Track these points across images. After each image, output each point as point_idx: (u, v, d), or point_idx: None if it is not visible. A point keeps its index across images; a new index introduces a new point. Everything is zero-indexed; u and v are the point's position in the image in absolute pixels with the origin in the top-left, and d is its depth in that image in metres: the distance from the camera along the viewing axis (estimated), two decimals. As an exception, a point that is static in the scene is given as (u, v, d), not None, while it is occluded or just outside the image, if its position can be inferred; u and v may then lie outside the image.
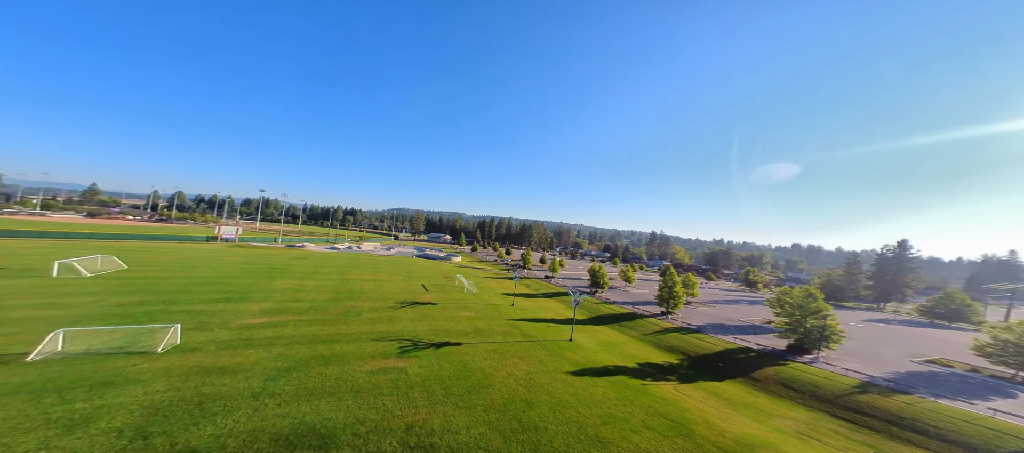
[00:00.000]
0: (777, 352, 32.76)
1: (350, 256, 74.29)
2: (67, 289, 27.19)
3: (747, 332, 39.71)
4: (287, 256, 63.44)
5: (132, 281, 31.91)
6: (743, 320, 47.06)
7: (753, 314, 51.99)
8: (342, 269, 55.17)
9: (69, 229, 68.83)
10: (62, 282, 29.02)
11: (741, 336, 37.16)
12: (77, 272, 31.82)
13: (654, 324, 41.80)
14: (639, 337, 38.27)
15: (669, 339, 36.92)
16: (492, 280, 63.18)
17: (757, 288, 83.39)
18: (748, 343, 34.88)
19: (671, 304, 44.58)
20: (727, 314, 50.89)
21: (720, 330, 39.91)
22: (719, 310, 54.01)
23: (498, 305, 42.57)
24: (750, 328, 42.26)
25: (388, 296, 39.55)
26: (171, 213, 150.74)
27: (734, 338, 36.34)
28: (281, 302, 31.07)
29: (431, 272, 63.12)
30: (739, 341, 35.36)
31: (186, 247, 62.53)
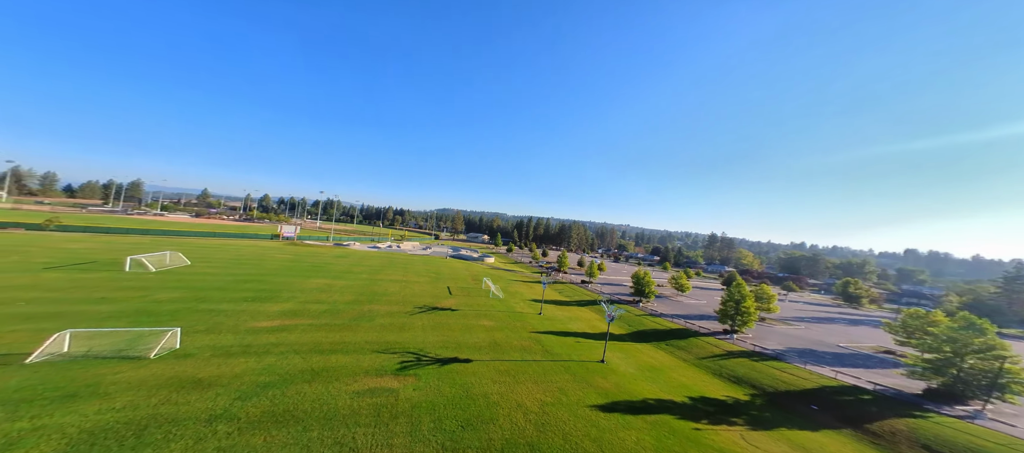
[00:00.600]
0: (908, 397, 24.00)
1: (387, 255, 76.61)
2: (126, 283, 30.18)
3: (853, 363, 30.50)
4: (330, 254, 67.18)
5: (183, 277, 34.83)
6: (844, 346, 36.88)
7: (858, 338, 40.89)
8: (375, 269, 56.24)
9: (174, 227, 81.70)
10: (126, 277, 32.53)
11: (845, 369, 28.39)
12: (144, 267, 35.76)
13: (714, 345, 34.46)
14: (693, 361, 31.61)
15: (734, 366, 29.75)
16: (522, 284, 59.62)
17: (860, 304, 67.34)
18: (857, 380, 26.26)
19: (738, 321, 36.29)
20: (818, 336, 40.69)
21: (809, 358, 31.26)
22: (806, 331, 43.65)
23: (523, 314, 38.89)
24: (857, 358, 32.57)
25: (409, 299, 38.33)
26: (253, 213, 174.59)
27: (834, 371, 27.81)
28: (302, 303, 31.19)
29: (460, 273, 61.75)
30: (842, 376, 26.86)
31: (249, 244, 69.80)
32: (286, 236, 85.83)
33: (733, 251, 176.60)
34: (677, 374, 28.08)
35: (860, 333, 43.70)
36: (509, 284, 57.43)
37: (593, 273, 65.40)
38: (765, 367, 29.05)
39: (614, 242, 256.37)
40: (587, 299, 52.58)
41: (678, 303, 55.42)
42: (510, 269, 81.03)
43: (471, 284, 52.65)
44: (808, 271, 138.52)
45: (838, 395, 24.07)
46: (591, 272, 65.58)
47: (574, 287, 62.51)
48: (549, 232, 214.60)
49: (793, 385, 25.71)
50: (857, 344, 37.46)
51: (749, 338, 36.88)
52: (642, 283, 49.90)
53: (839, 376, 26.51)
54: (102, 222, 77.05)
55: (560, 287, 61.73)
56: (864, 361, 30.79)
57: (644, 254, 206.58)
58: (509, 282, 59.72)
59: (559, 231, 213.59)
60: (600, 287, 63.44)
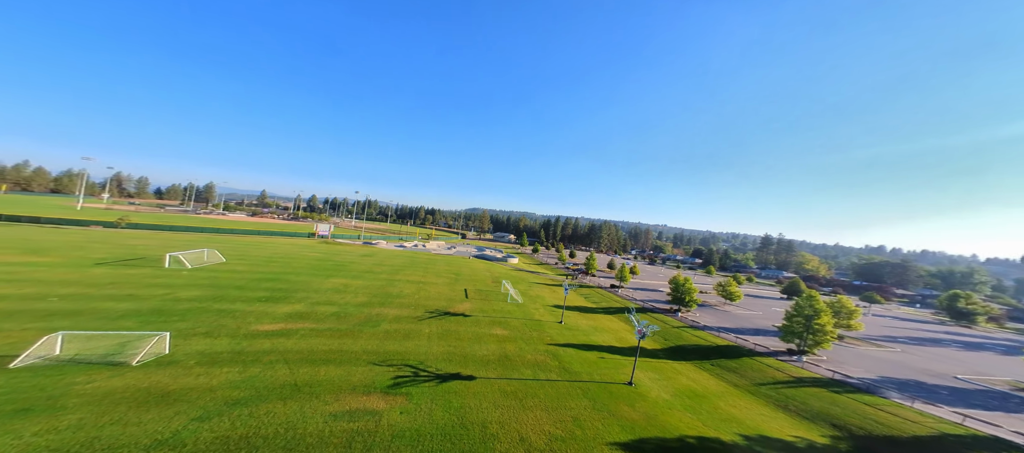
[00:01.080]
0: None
1: (411, 255, 76.89)
2: (158, 280, 31.65)
3: (983, 403, 23.26)
4: (356, 253, 68.63)
5: (212, 275, 36.18)
6: (964, 378, 28.92)
7: (981, 368, 32.24)
8: (395, 268, 55.94)
9: (228, 225, 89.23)
10: (161, 273, 34.34)
11: (973, 411, 21.43)
12: (181, 264, 37.83)
13: (774, 368, 28.54)
14: (747, 387, 26.25)
15: (806, 397, 24.04)
16: (544, 287, 55.95)
17: (973, 322, 54.63)
18: (996, 428, 19.46)
19: (809, 339, 29.52)
20: (923, 364, 32.61)
21: (917, 392, 24.49)
22: (904, 355, 35.40)
23: (542, 322, 35.48)
24: (987, 396, 24.95)
25: (423, 302, 36.68)
26: (298, 213, 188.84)
27: (958, 414, 20.95)
28: (313, 305, 30.62)
29: (481, 275, 59.61)
30: (973, 422, 20.07)
31: (286, 242, 73.74)
32: (321, 235, 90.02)
33: (793, 254, 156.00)
34: (726, 403, 23.11)
35: (982, 361, 34.20)
36: (530, 287, 54.16)
37: (624, 276, 59.83)
38: (851, 401, 22.94)
39: (649, 243, 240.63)
40: (616, 306, 47.69)
41: (726, 314, 48.38)
42: (534, 271, 77.60)
43: (490, 286, 50.19)
44: (894, 279, 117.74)
45: (969, 449, 17.69)
46: (622, 275, 60.06)
47: (602, 292, 57.56)
48: (578, 232, 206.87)
49: (896, 429, 19.65)
50: (983, 376, 28.89)
51: (823, 361, 30.06)
52: (681, 289, 43.92)
53: (967, 421, 19.70)
54: (170, 221, 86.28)
55: (586, 291, 57.16)
56: (999, 401, 23.07)
57: (684, 256, 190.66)
58: (531, 285, 56.44)
59: (588, 231, 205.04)
60: (631, 293, 57.80)
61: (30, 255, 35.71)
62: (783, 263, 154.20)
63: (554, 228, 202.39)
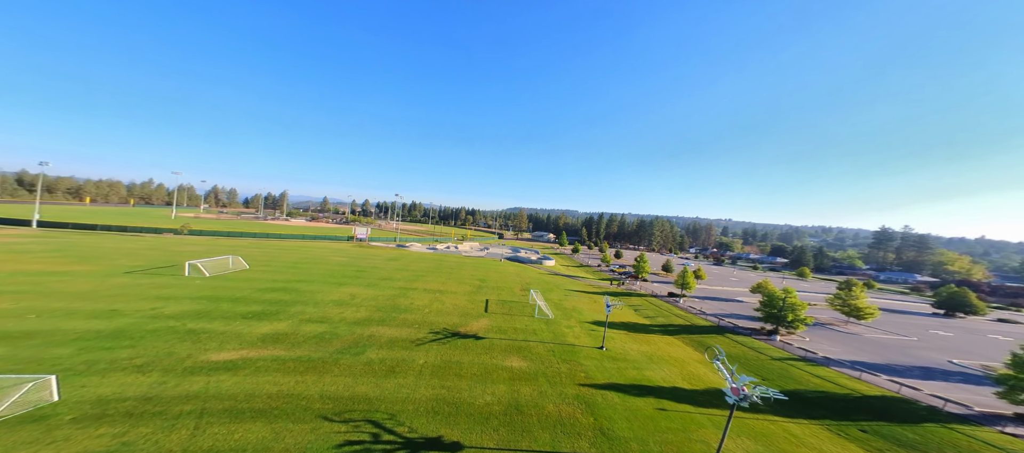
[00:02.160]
0: None
1: (439, 257, 73.02)
2: (161, 292, 30.38)
3: None
4: (383, 257, 66.53)
5: (221, 284, 34.65)
6: None
7: None
8: (416, 274, 51.67)
9: (282, 230, 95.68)
10: (175, 283, 33.48)
11: None
12: (200, 273, 37.27)
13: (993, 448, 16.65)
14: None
15: None
16: (583, 297, 46.77)
17: None
18: None
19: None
20: None
21: None
22: None
23: (576, 347, 27.14)
24: None
25: (432, 318, 30.84)
26: (347, 217, 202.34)
27: None
28: (300, 323, 26.45)
29: (509, 281, 52.57)
30: None
31: (321, 247, 75.02)
32: (359, 238, 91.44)
33: (927, 252, 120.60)
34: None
35: None
36: (565, 296, 45.55)
37: (687, 283, 47.64)
38: None
39: (712, 240, 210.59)
40: (678, 322, 36.84)
41: (853, 339, 34.29)
42: (572, 275, 68.26)
43: (517, 296, 42.88)
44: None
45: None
46: (684, 281, 47.92)
47: (658, 303, 46.46)
48: (624, 229, 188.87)
49: None
50: None
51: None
52: (782, 304, 31.42)
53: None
54: (234, 226, 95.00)
55: (637, 302, 46.60)
56: None
57: (759, 255, 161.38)
58: (566, 293, 47.76)
59: (637, 228, 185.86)
60: (698, 304, 45.70)
61: (74, 263, 37.87)
62: (911, 264, 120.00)
63: (597, 226, 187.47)
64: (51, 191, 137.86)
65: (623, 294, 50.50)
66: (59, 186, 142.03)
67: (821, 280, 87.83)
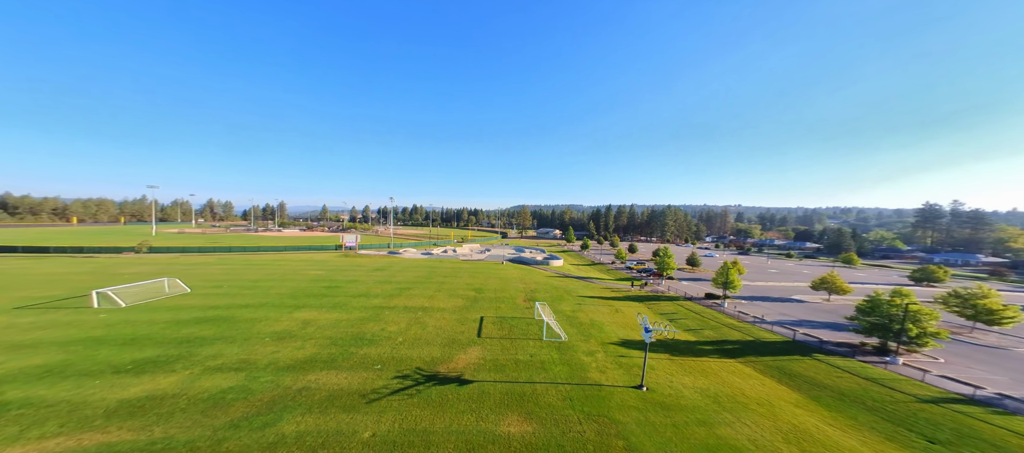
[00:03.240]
0: None
1: (433, 264, 64.85)
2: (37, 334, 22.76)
3: None
4: (368, 266, 58.63)
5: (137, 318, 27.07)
6: None
7: None
8: (401, 286, 43.56)
9: (265, 242, 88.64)
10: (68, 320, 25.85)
11: None
12: (113, 303, 29.60)
13: None
14: None
15: None
16: (602, 306, 38.04)
17: None
18: None
19: None
20: None
21: None
22: None
23: (604, 391, 18.75)
24: None
25: (401, 354, 22.69)
26: (343, 223, 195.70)
27: None
28: (200, 374, 18.47)
29: (511, 289, 44.10)
30: None
31: (301, 258, 67.43)
32: (348, 246, 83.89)
33: (984, 228, 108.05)
34: None
35: None
36: (580, 305, 36.94)
37: (731, 281, 38.35)
38: None
39: (728, 227, 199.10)
40: (735, 337, 27.85)
41: (1007, 357, 24.69)
42: (584, 276, 59.50)
43: (520, 310, 34.43)
44: None
45: None
46: (727, 279, 38.65)
47: (696, 308, 37.52)
48: (634, 221, 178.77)
49: None
50: None
51: None
52: (901, 312, 21.90)
53: None
54: (215, 240, 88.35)
55: (668, 309, 37.73)
56: None
57: (784, 240, 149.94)
58: (580, 301, 39.14)
59: (648, 219, 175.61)
60: (748, 308, 36.67)
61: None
62: (964, 242, 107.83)
63: (605, 218, 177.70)
64: (36, 213, 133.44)
65: (649, 298, 41.68)
66: (44, 207, 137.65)
67: (871, 267, 77.77)
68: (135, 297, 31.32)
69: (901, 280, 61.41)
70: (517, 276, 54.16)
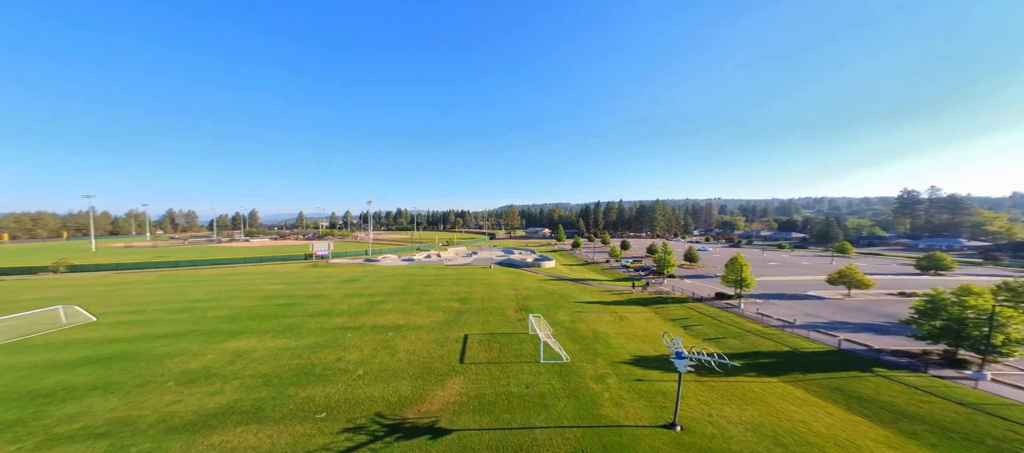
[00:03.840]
0: None
1: (413, 271, 58.93)
2: None
3: None
4: (339, 278, 52.16)
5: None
6: None
7: None
8: (373, 300, 37.72)
9: (229, 254, 79.50)
10: None
11: None
12: (-24, 341, 22.54)
13: None
14: None
15: None
16: (604, 313, 33.44)
17: None
18: None
19: None
20: None
21: None
22: None
23: (626, 434, 13.89)
24: None
25: (358, 393, 17.41)
26: (321, 230, 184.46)
27: None
28: (54, 439, 12.35)
29: (501, 297, 39.01)
30: None
31: (261, 271, 60.01)
32: (319, 254, 76.48)
33: (964, 213, 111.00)
34: None
35: None
36: (579, 314, 32.23)
37: (746, 279, 34.58)
38: None
39: (713, 220, 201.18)
40: (769, 348, 23.65)
41: None
42: (580, 278, 55.06)
43: (512, 322, 29.44)
44: None
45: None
46: (740, 278, 34.80)
47: (710, 310, 33.45)
48: (623, 217, 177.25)
49: None
50: None
51: None
52: (967, 313, 17.89)
53: None
54: (162, 255, 78.75)
55: (678, 313, 33.52)
56: None
57: (769, 231, 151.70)
58: (579, 308, 34.44)
59: (637, 214, 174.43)
60: (767, 308, 32.95)
61: None
62: (944, 227, 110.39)
63: (594, 215, 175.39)
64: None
65: (654, 301, 37.49)
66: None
67: (864, 256, 77.29)
68: (9, 333, 24.25)
69: (903, 268, 60.23)
70: (507, 282, 49.07)
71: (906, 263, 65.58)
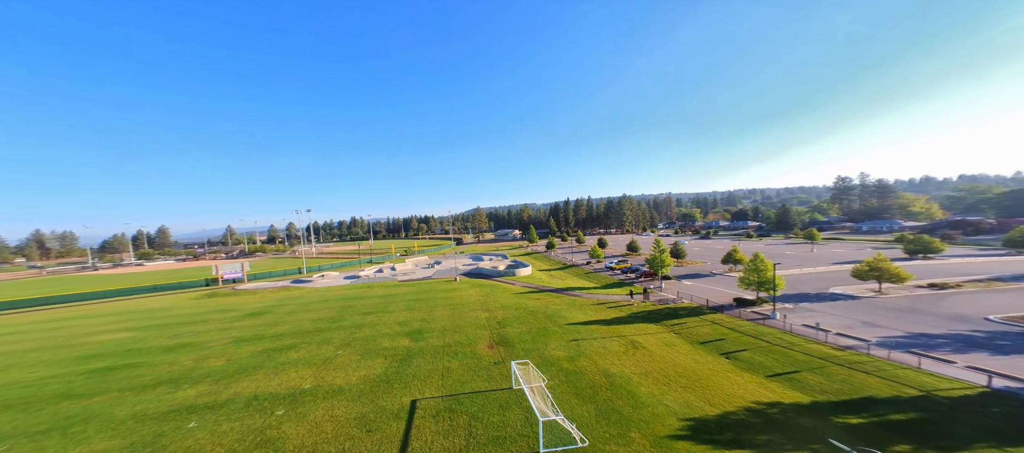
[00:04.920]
0: None
1: (351, 296, 46.69)
2: None
3: None
4: (238, 312, 38.58)
5: None
6: None
7: None
8: (276, 348, 25.89)
9: (96, 286, 59.50)
10: None
11: None
12: None
13: None
14: None
15: None
16: (610, 339, 25.08)
17: None
18: None
19: None
20: None
21: None
22: None
23: None
24: None
25: None
26: (243, 246, 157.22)
27: None
28: None
29: (467, 328, 29.14)
30: None
31: (124, 309, 43.79)
32: (227, 278, 60.08)
33: (891, 197, 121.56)
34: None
35: None
36: (579, 344, 23.52)
37: (770, 280, 28.22)
38: None
39: (673, 213, 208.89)
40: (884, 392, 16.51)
41: None
42: (564, 287, 46.85)
43: (486, 367, 19.97)
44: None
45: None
46: (763, 279, 28.32)
47: (738, 325, 26.52)
48: (593, 213, 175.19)
49: None
50: None
51: None
52: None
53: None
54: None
55: (697, 329, 26.23)
56: None
57: (726, 222, 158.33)
58: (576, 335, 25.72)
59: (605, 210, 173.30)
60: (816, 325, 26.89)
61: None
62: (876, 211, 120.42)
63: (565, 213, 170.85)
64: None
65: (663, 314, 30.10)
66: None
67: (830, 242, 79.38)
68: None
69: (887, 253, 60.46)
70: (476, 298, 39.18)
71: (881, 247, 66.97)
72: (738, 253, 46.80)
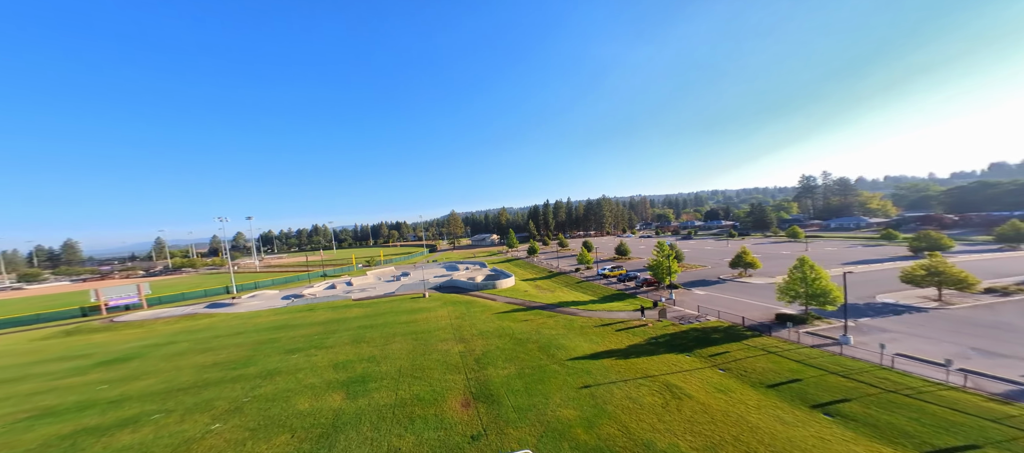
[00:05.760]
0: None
1: (280, 324, 36.34)
2: None
3: None
4: (94, 358, 27.46)
5: None
6: None
7: None
8: (118, 423, 15.42)
9: None
10: None
11: None
12: None
13: None
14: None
15: None
16: (636, 382, 17.71)
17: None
18: None
19: None
20: None
21: None
22: None
23: None
24: None
25: None
26: (169, 262, 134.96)
27: None
28: None
29: (434, 372, 20.56)
30: None
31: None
32: (112, 304, 46.42)
33: (852, 195, 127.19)
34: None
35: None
36: (594, 393, 16.22)
37: (827, 292, 22.04)
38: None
39: (649, 214, 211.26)
40: None
41: None
42: (556, 302, 39.35)
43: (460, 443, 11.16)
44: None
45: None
46: (816, 289, 22.22)
47: (805, 355, 20.28)
48: (572, 215, 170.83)
49: None
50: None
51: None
52: None
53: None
54: None
55: (755, 361, 19.56)
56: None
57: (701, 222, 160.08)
58: (585, 375, 18.23)
59: (585, 212, 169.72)
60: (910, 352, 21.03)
61: None
62: (838, 209, 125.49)
63: (544, 215, 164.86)
64: None
65: (694, 340, 23.34)
66: None
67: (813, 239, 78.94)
68: None
69: (889, 252, 59.08)
70: (447, 323, 30.44)
71: (868, 244, 66.18)
72: (749, 256, 41.83)
